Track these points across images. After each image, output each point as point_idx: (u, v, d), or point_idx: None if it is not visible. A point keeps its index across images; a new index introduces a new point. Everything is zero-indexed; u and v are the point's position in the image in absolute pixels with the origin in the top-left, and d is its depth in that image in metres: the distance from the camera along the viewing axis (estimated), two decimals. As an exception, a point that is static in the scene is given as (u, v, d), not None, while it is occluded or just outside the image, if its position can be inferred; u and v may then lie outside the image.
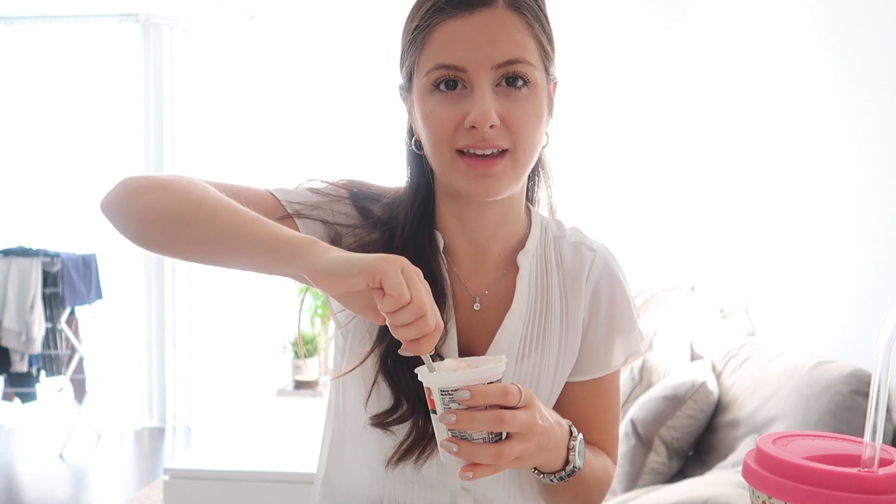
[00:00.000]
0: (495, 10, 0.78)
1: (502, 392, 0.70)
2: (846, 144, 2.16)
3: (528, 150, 0.81)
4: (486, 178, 0.80)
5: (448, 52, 0.78)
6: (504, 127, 0.79)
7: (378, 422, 0.87)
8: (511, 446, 0.71)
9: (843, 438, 0.63)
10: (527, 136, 0.80)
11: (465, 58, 0.77)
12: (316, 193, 0.91)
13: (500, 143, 0.79)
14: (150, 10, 4.47)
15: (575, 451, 0.80)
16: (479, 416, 0.69)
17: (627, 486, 2.21)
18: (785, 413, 1.92)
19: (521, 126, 0.79)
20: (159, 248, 0.81)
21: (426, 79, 0.80)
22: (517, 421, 0.70)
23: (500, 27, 0.77)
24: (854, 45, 2.12)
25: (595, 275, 0.92)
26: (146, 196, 0.79)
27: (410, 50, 0.82)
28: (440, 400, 0.70)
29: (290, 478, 2.25)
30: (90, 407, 4.41)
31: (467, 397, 0.68)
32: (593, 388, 0.93)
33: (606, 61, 3.97)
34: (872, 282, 2.03)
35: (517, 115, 0.79)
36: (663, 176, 3.92)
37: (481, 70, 0.77)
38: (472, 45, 0.77)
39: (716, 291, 3.35)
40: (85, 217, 4.66)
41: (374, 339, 0.87)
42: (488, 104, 0.77)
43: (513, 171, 0.81)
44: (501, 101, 0.79)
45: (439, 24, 0.78)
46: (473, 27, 0.77)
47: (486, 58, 0.77)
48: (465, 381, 0.69)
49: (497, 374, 0.71)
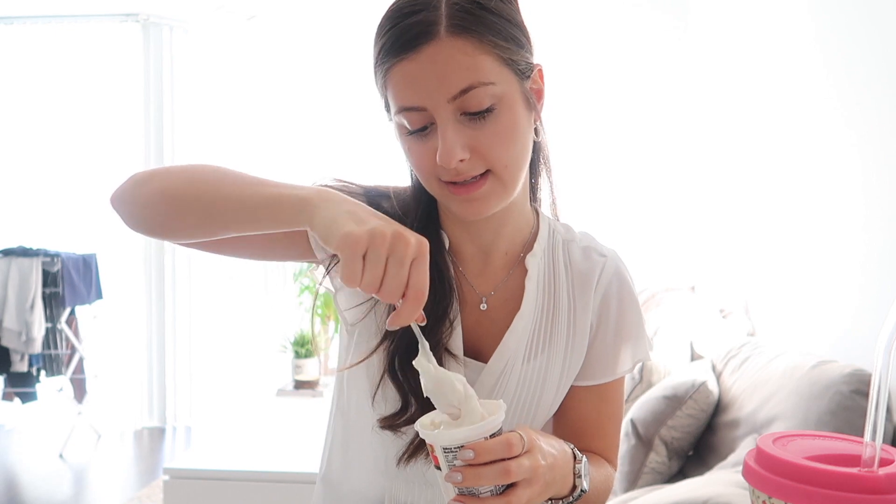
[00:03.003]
0: (438, 42, 0.75)
1: (506, 446, 0.69)
2: (846, 144, 2.16)
3: (512, 165, 0.80)
4: (474, 202, 0.81)
5: (405, 95, 0.77)
6: (475, 156, 0.78)
7: (387, 424, 0.87)
8: (518, 495, 0.70)
9: (843, 438, 0.64)
10: (503, 155, 0.79)
11: (420, 98, 0.76)
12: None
13: (475, 172, 0.79)
14: (150, 10, 4.47)
15: (581, 476, 0.79)
16: (484, 472, 0.68)
17: (627, 486, 2.21)
18: (785, 413, 1.92)
19: (495, 150, 0.78)
20: (169, 231, 0.81)
21: (397, 119, 0.80)
22: (522, 469, 0.69)
23: (447, 59, 0.75)
24: (854, 45, 2.12)
25: (605, 280, 0.92)
26: (151, 182, 0.80)
27: (378, 85, 0.82)
28: (444, 458, 0.69)
29: (290, 478, 2.25)
30: (90, 407, 4.41)
31: (471, 457, 0.67)
32: (599, 393, 0.93)
33: (606, 62, 3.97)
34: (873, 282, 2.03)
35: (487, 142, 0.78)
36: (663, 176, 3.92)
37: (439, 107, 0.76)
38: (423, 84, 0.75)
39: (716, 291, 3.35)
40: (85, 217, 4.67)
41: (381, 335, 0.87)
42: (450, 142, 0.76)
43: (501, 188, 0.81)
44: (468, 132, 0.77)
45: (392, 68, 0.77)
46: (421, 67, 0.75)
47: (439, 94, 0.75)
48: (467, 439, 0.68)
49: (497, 426, 0.70)
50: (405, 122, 0.79)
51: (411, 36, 0.75)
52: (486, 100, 0.76)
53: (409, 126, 0.78)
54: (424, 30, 0.75)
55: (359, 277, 0.65)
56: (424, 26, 0.75)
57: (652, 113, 3.93)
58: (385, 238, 0.65)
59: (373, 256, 0.65)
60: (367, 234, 0.65)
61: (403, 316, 0.67)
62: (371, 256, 0.65)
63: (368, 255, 0.65)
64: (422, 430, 0.70)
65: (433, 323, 0.85)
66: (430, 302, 0.85)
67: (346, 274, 0.65)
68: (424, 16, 0.75)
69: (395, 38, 0.76)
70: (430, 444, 0.70)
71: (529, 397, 0.89)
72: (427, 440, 0.70)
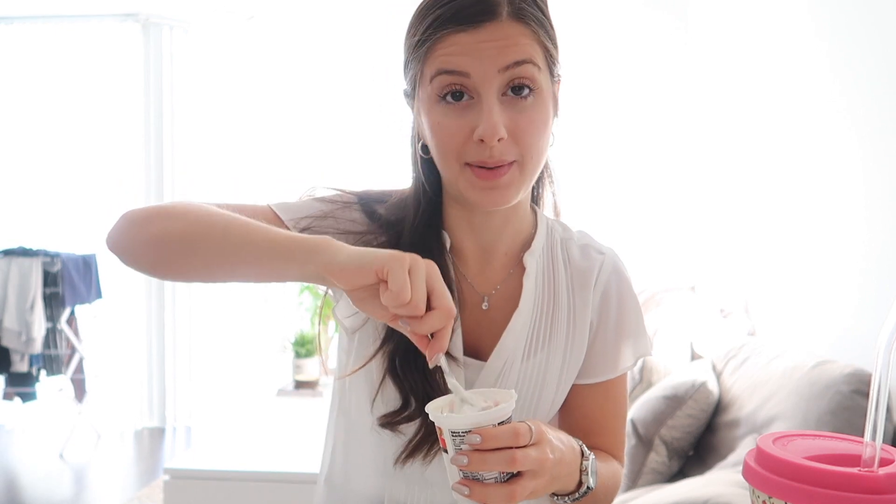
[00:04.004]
0: (500, 22, 0.77)
1: (513, 434, 0.69)
2: (846, 143, 2.16)
3: (536, 158, 0.81)
4: (495, 190, 0.81)
5: (454, 59, 0.77)
6: (511, 138, 0.79)
7: (386, 422, 0.87)
8: (523, 485, 0.70)
9: (843, 438, 0.64)
10: (534, 146, 0.80)
11: (470, 63, 0.77)
12: (323, 202, 0.91)
13: (507, 157, 0.79)
14: (150, 10, 4.47)
15: (588, 473, 0.80)
16: (490, 458, 0.69)
17: (627, 485, 2.22)
18: (785, 413, 1.92)
19: (529, 136, 0.79)
20: (173, 272, 0.81)
21: (431, 87, 0.79)
22: (528, 459, 0.70)
23: (506, 37, 0.77)
24: (854, 44, 2.12)
25: (604, 278, 0.93)
26: (153, 225, 0.78)
27: (414, 59, 0.82)
28: (451, 441, 0.70)
29: (290, 478, 2.25)
30: (90, 407, 4.41)
31: (478, 441, 0.68)
32: (601, 391, 0.93)
33: (606, 62, 3.97)
34: (873, 281, 2.03)
35: (524, 125, 0.79)
36: (663, 176, 3.92)
37: (487, 76, 0.77)
38: (476, 53, 0.77)
39: (716, 291, 3.35)
40: (85, 217, 4.67)
41: (382, 339, 0.87)
42: (496, 117, 0.77)
43: (521, 179, 0.82)
44: (508, 112, 0.78)
45: (446, 36, 0.77)
46: (479, 39, 0.77)
47: (492, 63, 0.77)
48: (475, 424, 0.69)
49: (507, 414, 0.71)
50: (441, 86, 0.79)
51: (474, 11, 0.77)
52: (534, 79, 0.79)
53: (445, 90, 0.79)
54: (488, 8, 0.77)
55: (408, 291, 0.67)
56: (488, 5, 0.77)
57: (652, 113, 3.93)
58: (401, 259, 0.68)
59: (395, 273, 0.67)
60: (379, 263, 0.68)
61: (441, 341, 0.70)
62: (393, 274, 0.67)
63: (391, 274, 0.67)
64: (432, 413, 0.71)
65: None
66: None
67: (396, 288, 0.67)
68: None
69: (456, 11, 0.77)
70: (438, 426, 0.71)
71: (530, 395, 0.90)
72: (437, 423, 0.71)
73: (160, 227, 0.78)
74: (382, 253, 0.69)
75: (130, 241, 0.80)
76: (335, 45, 4.36)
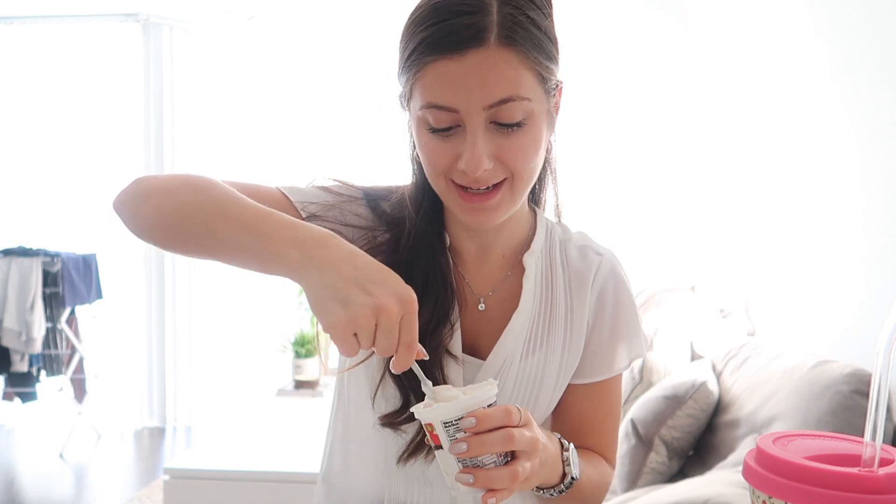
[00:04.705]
0: (486, 50, 0.73)
1: (505, 413, 0.70)
2: (846, 144, 2.16)
3: (527, 176, 0.81)
4: (482, 212, 0.81)
5: (439, 93, 0.75)
6: (499, 163, 0.78)
7: (388, 422, 0.87)
8: (522, 465, 0.71)
9: (843, 438, 0.64)
10: (524, 167, 0.79)
11: (456, 100, 0.75)
12: (329, 193, 0.91)
13: (495, 179, 0.79)
14: (150, 10, 4.47)
15: (570, 463, 0.81)
16: (489, 439, 0.69)
17: (627, 485, 2.21)
18: (785, 413, 1.92)
19: (519, 161, 0.78)
20: (170, 246, 0.80)
21: (420, 113, 0.79)
22: (524, 438, 0.71)
23: (492, 67, 0.74)
24: (854, 44, 2.11)
25: (601, 279, 0.93)
26: (156, 196, 0.78)
27: (403, 75, 0.81)
28: (444, 433, 0.70)
29: (290, 478, 2.26)
30: (90, 407, 4.41)
31: (473, 423, 0.68)
32: (596, 391, 0.93)
33: (606, 62, 3.97)
34: (873, 282, 2.03)
35: (513, 152, 0.77)
36: (664, 176, 3.92)
37: (473, 112, 0.75)
38: (462, 87, 0.74)
39: (716, 291, 3.35)
40: (85, 217, 4.67)
41: None
42: (480, 150, 0.76)
43: (511, 198, 0.81)
44: (495, 140, 0.77)
45: (431, 63, 0.75)
46: (464, 69, 0.73)
47: (477, 100, 0.74)
48: (467, 409, 0.69)
49: (493, 397, 0.72)
50: (430, 119, 0.77)
51: (459, 38, 0.73)
52: (519, 114, 0.76)
53: (434, 124, 0.77)
54: (475, 34, 0.73)
55: (356, 350, 0.67)
56: (475, 30, 0.73)
57: (652, 113, 3.93)
58: (368, 318, 0.66)
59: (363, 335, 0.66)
60: (349, 322, 0.65)
61: (401, 363, 0.69)
62: (361, 335, 0.66)
63: (358, 334, 0.66)
64: (418, 412, 0.71)
65: (434, 326, 0.86)
66: (432, 305, 0.86)
67: (343, 352, 0.68)
68: (477, 19, 0.74)
69: (441, 35, 0.74)
70: (429, 423, 0.71)
71: (527, 394, 0.90)
72: (425, 419, 0.71)
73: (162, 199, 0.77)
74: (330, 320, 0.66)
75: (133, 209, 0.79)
76: (335, 44, 4.36)
